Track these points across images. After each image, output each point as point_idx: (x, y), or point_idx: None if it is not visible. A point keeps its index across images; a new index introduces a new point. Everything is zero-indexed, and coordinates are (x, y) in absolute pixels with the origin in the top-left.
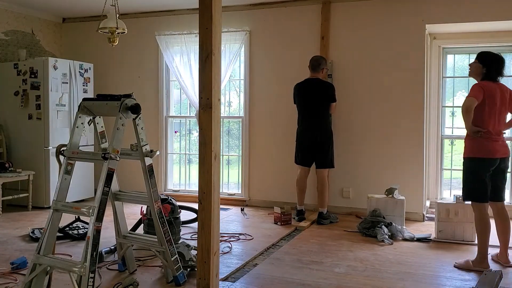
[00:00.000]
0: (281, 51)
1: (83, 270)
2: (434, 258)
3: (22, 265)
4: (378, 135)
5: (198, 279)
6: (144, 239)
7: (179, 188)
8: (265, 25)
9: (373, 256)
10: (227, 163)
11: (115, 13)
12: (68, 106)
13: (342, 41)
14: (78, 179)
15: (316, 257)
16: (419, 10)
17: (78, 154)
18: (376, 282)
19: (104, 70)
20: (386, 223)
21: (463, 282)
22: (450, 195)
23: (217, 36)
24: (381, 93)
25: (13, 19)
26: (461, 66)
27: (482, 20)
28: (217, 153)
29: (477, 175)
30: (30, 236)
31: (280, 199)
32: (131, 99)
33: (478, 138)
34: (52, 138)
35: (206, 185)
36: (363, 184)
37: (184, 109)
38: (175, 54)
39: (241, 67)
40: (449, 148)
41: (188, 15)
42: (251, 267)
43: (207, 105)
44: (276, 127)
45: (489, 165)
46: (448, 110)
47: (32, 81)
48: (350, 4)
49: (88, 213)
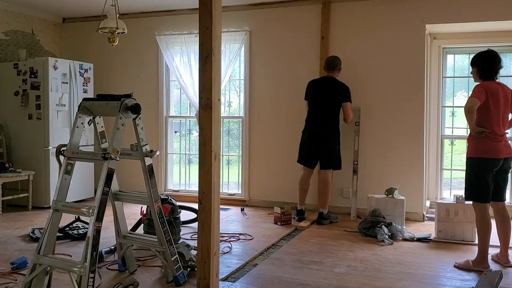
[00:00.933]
0: (281, 51)
1: (83, 270)
2: (434, 258)
3: (22, 265)
4: (378, 135)
5: (198, 279)
6: (144, 239)
7: (179, 188)
8: (265, 25)
9: (373, 256)
10: (227, 163)
11: (115, 13)
12: (68, 106)
13: (342, 41)
14: (78, 179)
15: (316, 257)
16: (419, 10)
17: (78, 154)
18: (376, 282)
19: (104, 70)
20: (386, 223)
21: (463, 282)
22: (450, 195)
23: (217, 36)
24: (381, 93)
25: (13, 19)
26: (461, 66)
27: (482, 20)
28: (217, 153)
29: (480, 175)
30: (30, 236)
31: (280, 199)
32: (131, 99)
33: (482, 138)
34: (52, 138)
35: (206, 185)
36: (363, 184)
37: (184, 109)
38: (175, 54)
39: (241, 67)
40: (449, 148)
41: (188, 15)
42: (251, 267)
43: (207, 105)
44: (276, 127)
45: (492, 166)
46: (448, 110)
47: (32, 81)
48: (350, 4)
49: (88, 213)
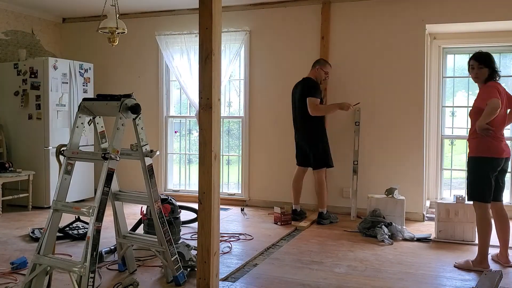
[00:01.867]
0: (281, 51)
1: (83, 270)
2: (434, 258)
3: (22, 265)
4: (378, 135)
5: (198, 279)
6: (144, 239)
7: (179, 188)
8: (265, 25)
9: (373, 256)
10: (227, 163)
11: (115, 13)
12: (68, 106)
13: (342, 41)
14: (78, 179)
15: (316, 257)
16: (419, 10)
17: (78, 154)
18: (376, 282)
19: (104, 70)
20: (386, 223)
21: (463, 282)
22: (450, 195)
23: (217, 36)
24: (381, 92)
25: (13, 19)
26: (461, 66)
27: (482, 20)
28: (217, 153)
29: (484, 175)
30: (30, 236)
31: (280, 199)
32: (131, 99)
33: (485, 138)
34: (52, 138)
35: (206, 185)
36: (363, 184)
37: (184, 109)
38: (175, 54)
39: (241, 67)
40: (449, 148)
41: (188, 15)
42: (251, 267)
43: (207, 105)
44: (276, 127)
45: (496, 165)
46: (448, 110)
47: (32, 81)
48: (350, 4)
49: (88, 213)
